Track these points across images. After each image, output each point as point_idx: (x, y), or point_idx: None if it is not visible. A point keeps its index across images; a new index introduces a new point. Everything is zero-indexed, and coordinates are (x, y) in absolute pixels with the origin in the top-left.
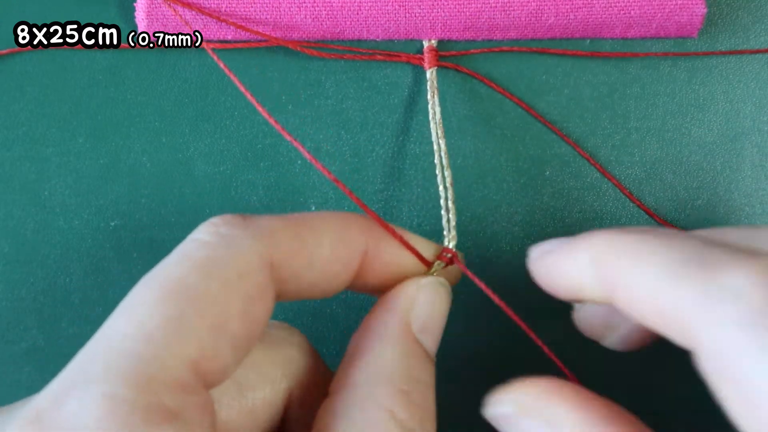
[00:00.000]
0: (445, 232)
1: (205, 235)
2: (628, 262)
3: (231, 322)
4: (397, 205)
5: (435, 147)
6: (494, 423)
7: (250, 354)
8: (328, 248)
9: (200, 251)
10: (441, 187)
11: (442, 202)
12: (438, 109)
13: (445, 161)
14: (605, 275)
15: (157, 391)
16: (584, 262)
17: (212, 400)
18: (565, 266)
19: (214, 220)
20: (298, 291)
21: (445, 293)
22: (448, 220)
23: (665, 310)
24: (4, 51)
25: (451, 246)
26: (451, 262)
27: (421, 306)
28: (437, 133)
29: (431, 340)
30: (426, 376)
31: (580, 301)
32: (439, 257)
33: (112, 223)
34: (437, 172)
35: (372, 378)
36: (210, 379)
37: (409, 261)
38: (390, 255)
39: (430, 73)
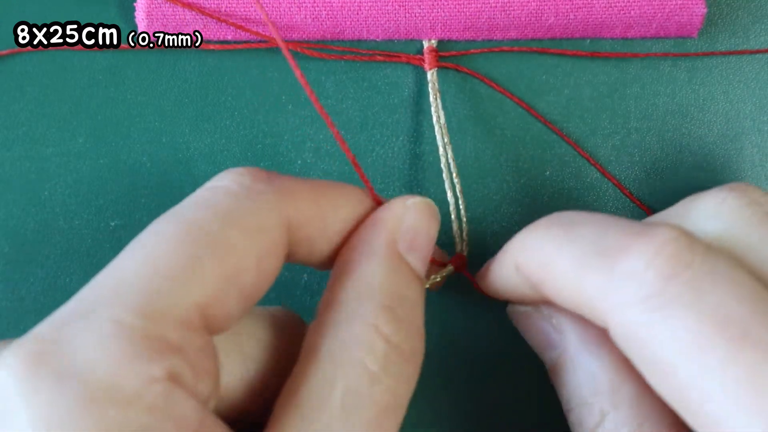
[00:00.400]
0: (457, 239)
1: (228, 182)
2: (540, 266)
3: (244, 274)
4: None
5: (441, 151)
6: (513, 317)
7: (256, 332)
8: (342, 221)
9: (224, 199)
10: (450, 194)
11: (451, 209)
12: (442, 114)
13: (453, 169)
14: (529, 279)
15: (164, 325)
16: (511, 271)
17: (215, 348)
18: (500, 279)
19: (239, 170)
20: (306, 256)
21: (432, 213)
22: (460, 228)
23: (578, 300)
24: (4, 51)
25: (465, 253)
26: (461, 269)
27: (408, 225)
28: (444, 139)
29: (419, 259)
30: (413, 293)
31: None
32: (451, 261)
33: (112, 223)
34: (444, 177)
35: (358, 294)
36: (213, 325)
37: None
38: None
39: (431, 75)
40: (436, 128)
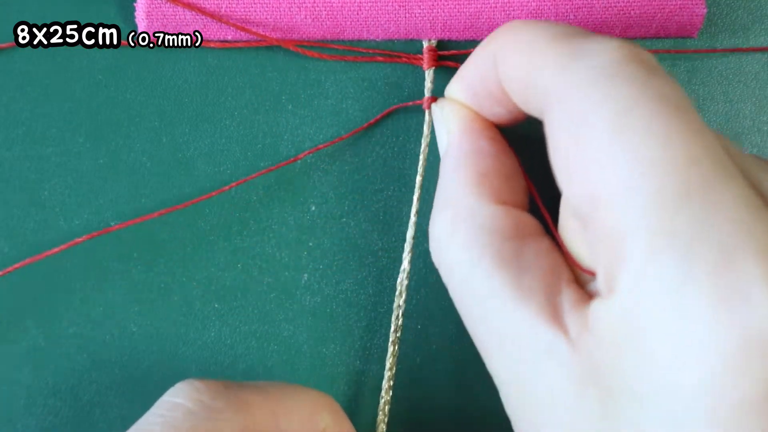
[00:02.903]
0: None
1: (186, 401)
2: (508, 38)
3: None
4: (397, 206)
5: (421, 162)
6: (434, 117)
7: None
8: (296, 426)
9: (185, 422)
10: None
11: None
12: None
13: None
14: (492, 54)
15: None
16: (485, 51)
17: None
18: (473, 65)
19: (196, 385)
20: None
21: None
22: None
23: (528, 76)
24: (3, 45)
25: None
26: None
27: None
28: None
29: None
30: None
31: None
32: None
33: (112, 223)
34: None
35: None
36: None
37: None
38: None
39: (429, 74)
40: (425, 131)
